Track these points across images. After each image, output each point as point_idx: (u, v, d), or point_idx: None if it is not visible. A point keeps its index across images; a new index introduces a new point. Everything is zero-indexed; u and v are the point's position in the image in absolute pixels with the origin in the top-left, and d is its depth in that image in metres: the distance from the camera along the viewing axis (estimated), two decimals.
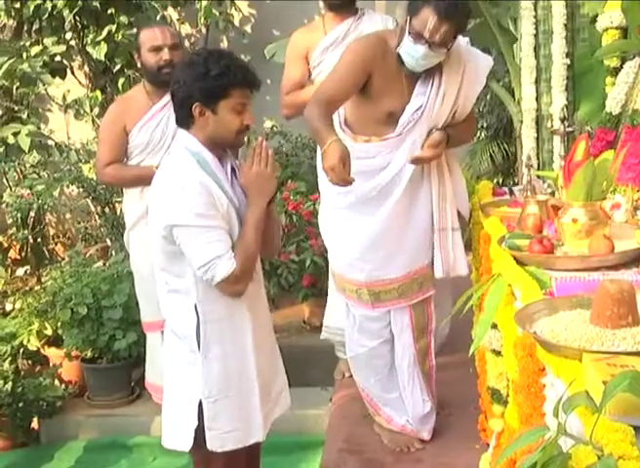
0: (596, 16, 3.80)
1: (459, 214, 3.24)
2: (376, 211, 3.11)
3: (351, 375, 3.95)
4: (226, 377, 2.52)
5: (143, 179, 3.78)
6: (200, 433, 2.53)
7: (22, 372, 4.62)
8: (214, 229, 2.40)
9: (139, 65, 3.90)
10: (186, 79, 2.44)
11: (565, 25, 3.91)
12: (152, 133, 3.79)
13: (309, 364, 4.50)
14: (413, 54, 2.90)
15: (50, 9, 5.58)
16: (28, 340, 4.61)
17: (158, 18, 5.84)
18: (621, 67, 3.33)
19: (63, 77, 5.89)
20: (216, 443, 2.52)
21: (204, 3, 5.97)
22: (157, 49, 3.73)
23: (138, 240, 3.93)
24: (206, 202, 2.40)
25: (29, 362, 4.79)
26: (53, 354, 4.77)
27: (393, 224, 3.12)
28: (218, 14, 6.06)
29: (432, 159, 3.07)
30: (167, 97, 3.79)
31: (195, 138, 2.47)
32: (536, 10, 3.98)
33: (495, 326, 2.56)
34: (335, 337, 4.12)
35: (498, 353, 2.66)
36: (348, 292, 3.27)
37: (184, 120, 2.49)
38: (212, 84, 2.40)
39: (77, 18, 5.71)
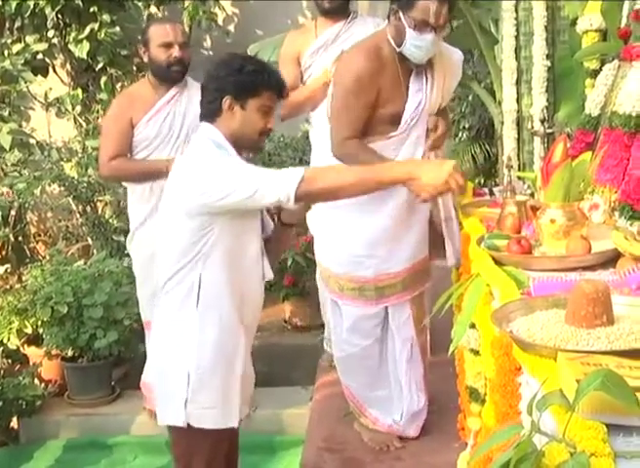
0: (576, 18, 3.83)
1: None
2: (381, 207, 3.11)
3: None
4: (217, 353, 2.55)
5: (153, 174, 3.74)
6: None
7: (2, 371, 4.60)
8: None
9: (145, 59, 3.86)
10: (221, 73, 2.52)
11: (545, 27, 3.94)
12: (160, 126, 3.78)
13: (290, 363, 4.51)
14: (421, 44, 2.94)
15: (32, 6, 5.56)
16: (8, 339, 4.60)
17: (145, 16, 5.83)
18: (601, 70, 3.35)
19: (45, 75, 5.87)
20: (194, 417, 2.55)
21: (188, 2, 5.97)
22: (168, 45, 3.71)
23: (144, 239, 3.88)
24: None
25: (9, 361, 4.77)
26: (33, 353, 4.75)
27: (398, 219, 3.14)
28: (202, 13, 6.06)
29: (445, 136, 3.15)
30: (173, 91, 3.82)
31: (219, 132, 2.51)
32: (517, 12, 4.00)
33: (473, 325, 2.57)
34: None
35: (476, 352, 2.68)
36: (347, 292, 3.24)
37: (211, 113, 2.53)
38: (245, 79, 2.48)
39: (59, 15, 5.69)
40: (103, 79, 5.74)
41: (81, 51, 5.64)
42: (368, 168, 2.59)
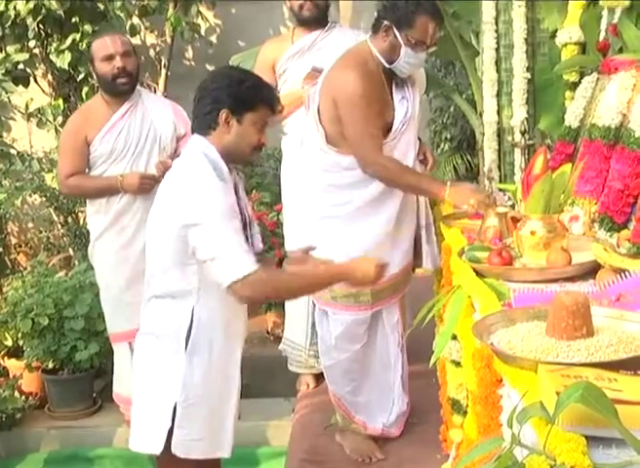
0: (556, 31, 3.86)
1: None
2: (374, 215, 3.16)
3: (316, 386, 3.98)
4: (207, 385, 2.51)
5: (108, 190, 3.79)
6: (168, 440, 2.50)
7: None
8: (235, 232, 2.40)
9: (94, 76, 3.89)
10: (220, 85, 2.49)
11: (525, 40, 3.97)
12: (115, 141, 3.79)
13: (272, 374, 4.50)
14: (414, 62, 3.07)
15: (13, 16, 5.54)
16: None
17: (127, 27, 5.83)
18: (580, 82, 3.38)
19: (26, 85, 5.85)
20: (181, 448, 2.49)
21: (171, 12, 5.97)
22: (109, 58, 3.71)
23: (104, 250, 3.90)
24: (229, 204, 2.42)
25: None
26: (13, 365, 4.72)
27: (391, 225, 3.19)
28: (184, 24, 6.06)
29: (434, 166, 3.44)
30: (126, 106, 3.81)
31: (213, 146, 2.49)
32: (497, 24, 4.03)
33: (455, 337, 2.58)
34: (292, 351, 4.13)
35: (457, 364, 2.69)
36: (340, 299, 3.24)
37: (205, 125, 2.50)
38: (245, 93, 2.47)
39: (41, 25, 5.67)
40: (85, 89, 5.72)
41: (62, 61, 5.63)
42: (311, 274, 2.61)
